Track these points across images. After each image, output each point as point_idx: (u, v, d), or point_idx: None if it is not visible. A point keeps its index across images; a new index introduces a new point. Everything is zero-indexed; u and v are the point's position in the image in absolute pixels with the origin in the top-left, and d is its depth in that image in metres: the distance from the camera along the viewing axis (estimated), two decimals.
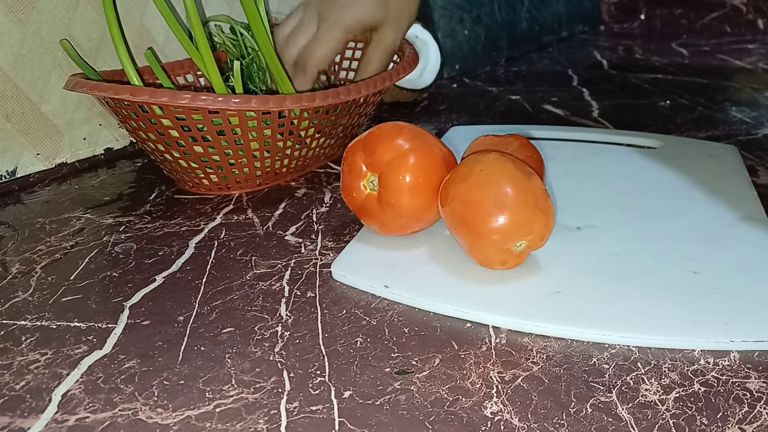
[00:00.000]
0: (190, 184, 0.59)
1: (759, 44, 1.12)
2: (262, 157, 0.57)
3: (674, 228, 0.48)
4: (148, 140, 0.55)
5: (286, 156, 0.59)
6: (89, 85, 0.52)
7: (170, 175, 0.61)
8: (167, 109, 0.51)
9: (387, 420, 0.32)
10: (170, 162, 0.57)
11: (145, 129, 0.54)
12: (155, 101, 0.50)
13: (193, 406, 0.33)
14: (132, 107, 0.52)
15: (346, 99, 0.57)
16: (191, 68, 0.68)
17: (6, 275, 0.46)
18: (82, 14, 0.63)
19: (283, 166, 0.60)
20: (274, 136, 0.56)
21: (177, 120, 0.52)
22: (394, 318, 0.40)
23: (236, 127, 0.53)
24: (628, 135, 0.66)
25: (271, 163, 0.58)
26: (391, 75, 0.62)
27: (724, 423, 0.31)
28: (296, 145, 0.58)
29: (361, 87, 0.58)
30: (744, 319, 0.37)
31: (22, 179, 0.62)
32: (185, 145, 0.54)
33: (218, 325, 0.40)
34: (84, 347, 0.38)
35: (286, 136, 0.57)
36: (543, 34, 1.15)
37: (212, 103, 0.50)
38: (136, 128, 0.54)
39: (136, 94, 0.50)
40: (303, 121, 0.56)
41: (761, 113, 0.75)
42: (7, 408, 0.33)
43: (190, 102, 0.50)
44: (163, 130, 0.53)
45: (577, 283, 0.41)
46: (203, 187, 0.59)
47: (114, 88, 0.50)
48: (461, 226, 0.41)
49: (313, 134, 0.59)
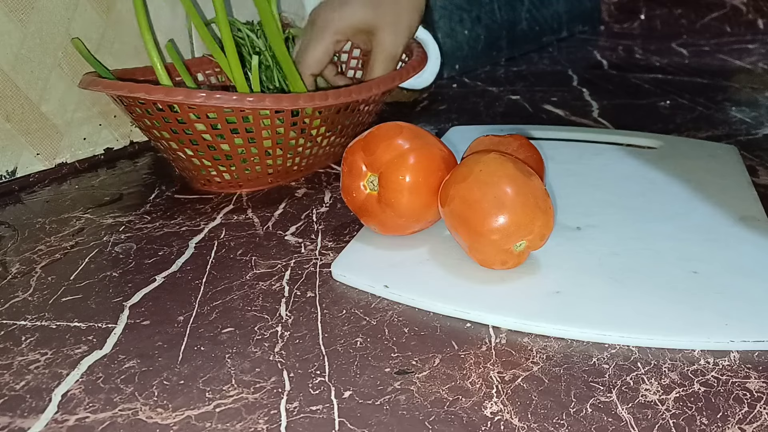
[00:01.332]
0: (201, 182, 0.60)
1: (759, 44, 1.12)
2: (274, 155, 0.57)
3: (674, 228, 0.48)
4: (161, 138, 0.55)
5: (298, 154, 0.59)
6: (104, 83, 0.53)
7: (182, 173, 0.61)
8: (182, 107, 0.51)
9: (387, 420, 0.32)
10: (183, 160, 0.57)
11: (159, 127, 0.54)
12: (170, 99, 0.50)
13: (193, 406, 0.33)
14: (146, 105, 0.52)
15: (358, 98, 0.58)
16: (200, 67, 0.69)
17: (6, 275, 0.46)
18: (82, 14, 0.63)
19: (294, 164, 0.60)
20: (287, 134, 0.56)
21: (191, 118, 0.52)
22: (394, 318, 0.40)
23: (250, 125, 0.53)
24: (628, 135, 0.66)
25: (282, 161, 0.59)
26: (401, 74, 0.63)
27: (724, 423, 0.31)
28: (307, 143, 0.59)
29: (372, 86, 0.59)
30: (744, 319, 0.37)
31: (22, 179, 0.62)
32: (199, 143, 0.54)
33: (218, 325, 0.40)
34: (84, 347, 0.38)
35: (298, 134, 0.57)
36: (543, 34, 1.15)
37: (228, 102, 0.51)
38: (149, 126, 0.55)
39: (151, 92, 0.50)
40: (315, 120, 0.57)
41: (761, 113, 0.75)
42: (7, 408, 0.33)
43: (205, 101, 0.50)
44: (177, 128, 0.54)
45: (577, 283, 0.41)
46: (215, 185, 0.59)
47: (129, 87, 0.51)
48: (461, 226, 0.41)
49: (324, 132, 0.60)
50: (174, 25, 0.71)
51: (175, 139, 0.55)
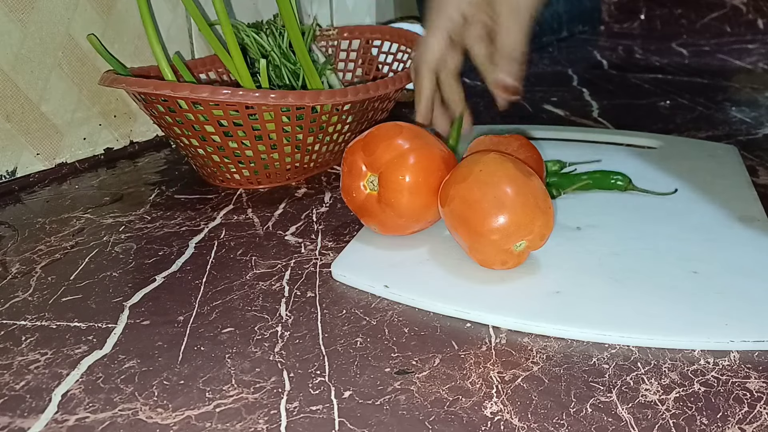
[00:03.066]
0: (220, 179, 0.60)
1: (759, 44, 1.12)
2: (293, 152, 0.58)
3: (674, 228, 0.48)
4: (182, 135, 0.56)
5: (315, 151, 0.60)
6: (128, 81, 0.53)
7: (201, 171, 0.62)
8: (205, 105, 0.52)
9: (387, 420, 0.32)
10: (203, 157, 0.58)
11: (181, 125, 0.55)
12: (195, 96, 0.51)
13: (193, 406, 0.33)
14: (169, 103, 0.53)
15: (376, 94, 0.59)
16: (204, 67, 0.69)
17: (6, 275, 0.46)
18: (82, 14, 0.63)
19: (311, 161, 0.61)
20: (306, 131, 0.57)
21: (213, 115, 0.53)
22: (394, 318, 0.40)
23: (270, 122, 0.54)
24: (628, 135, 0.66)
25: (300, 158, 0.59)
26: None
27: (724, 423, 0.31)
28: (325, 140, 0.60)
29: (388, 83, 0.60)
30: (744, 319, 0.37)
31: (22, 179, 0.62)
32: (220, 140, 0.55)
33: (218, 325, 0.40)
34: (84, 347, 0.38)
35: (317, 131, 0.58)
36: (543, 34, 1.15)
37: (251, 98, 0.51)
38: (171, 124, 0.55)
39: (177, 89, 0.51)
40: (333, 116, 0.58)
41: (761, 113, 0.75)
42: (7, 408, 0.33)
43: (230, 97, 0.51)
44: (199, 125, 0.54)
45: (577, 283, 0.41)
46: (233, 182, 0.60)
47: (154, 84, 0.52)
48: (461, 226, 0.41)
49: (341, 129, 0.60)
50: (174, 25, 0.71)
51: (196, 136, 0.56)
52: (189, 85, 0.51)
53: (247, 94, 0.51)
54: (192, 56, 0.73)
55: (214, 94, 0.51)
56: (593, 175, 0.53)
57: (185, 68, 0.63)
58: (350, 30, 0.77)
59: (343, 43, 0.77)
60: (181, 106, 0.53)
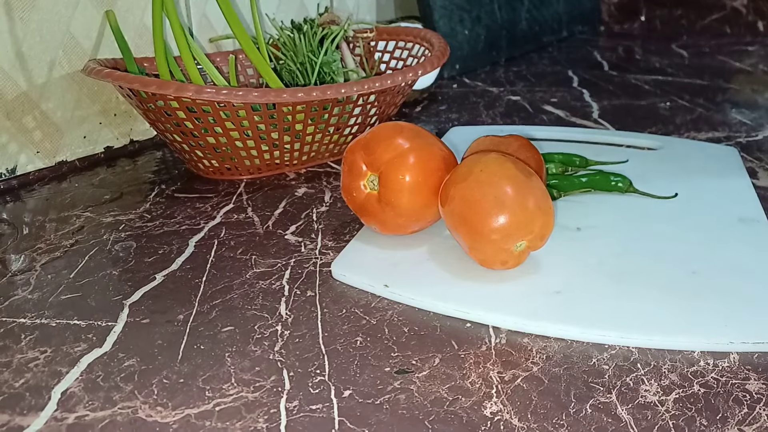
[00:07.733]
0: (207, 171, 0.62)
1: (759, 46, 1.12)
2: (292, 141, 0.60)
3: (674, 228, 0.48)
4: (166, 131, 0.59)
5: (316, 142, 0.61)
6: (113, 75, 0.55)
7: (187, 166, 0.64)
8: (194, 103, 0.54)
9: (387, 419, 0.32)
10: (188, 152, 0.60)
11: (163, 119, 0.57)
12: (180, 95, 0.53)
13: (192, 405, 0.33)
14: (149, 100, 0.55)
15: (394, 85, 0.60)
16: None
17: (6, 273, 0.46)
18: (83, 12, 0.63)
19: (322, 145, 0.62)
20: (305, 123, 0.58)
21: (204, 111, 0.55)
22: (394, 317, 0.40)
23: (244, 119, 0.55)
24: (628, 136, 0.66)
25: (300, 146, 0.61)
26: (425, 66, 0.63)
27: (724, 424, 0.31)
28: (335, 131, 0.61)
29: (398, 75, 0.60)
30: (743, 320, 0.37)
31: (21, 177, 0.61)
32: (198, 134, 0.57)
33: (218, 324, 0.40)
34: (84, 345, 0.38)
35: (329, 117, 0.59)
36: (543, 34, 1.15)
37: (221, 96, 0.53)
38: (155, 120, 0.58)
39: (162, 86, 0.53)
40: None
41: (761, 115, 0.76)
42: (7, 406, 0.33)
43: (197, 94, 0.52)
44: (179, 121, 0.56)
45: (578, 283, 0.41)
46: (217, 173, 0.62)
47: (140, 81, 0.53)
48: (461, 226, 0.41)
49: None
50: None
51: (178, 131, 0.57)
52: (174, 84, 0.53)
53: (219, 92, 0.53)
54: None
55: (185, 91, 0.52)
56: (593, 177, 0.54)
57: (210, 64, 0.65)
58: (389, 32, 0.76)
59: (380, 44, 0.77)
60: (159, 103, 0.55)
